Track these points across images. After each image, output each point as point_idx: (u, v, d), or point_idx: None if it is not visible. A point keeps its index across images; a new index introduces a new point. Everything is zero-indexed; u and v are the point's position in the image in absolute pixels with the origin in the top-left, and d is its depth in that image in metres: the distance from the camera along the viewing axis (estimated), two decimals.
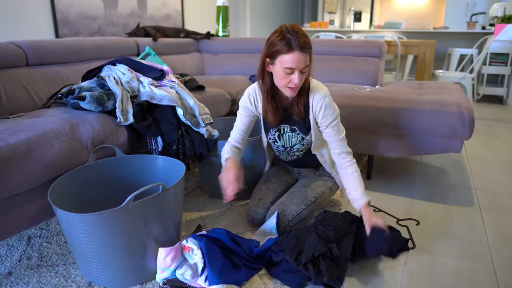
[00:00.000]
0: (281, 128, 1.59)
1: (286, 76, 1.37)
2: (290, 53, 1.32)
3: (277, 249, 1.33)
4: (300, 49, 1.31)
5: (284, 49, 1.32)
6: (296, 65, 1.33)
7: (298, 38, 1.31)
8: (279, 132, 1.60)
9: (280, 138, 1.61)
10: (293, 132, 1.58)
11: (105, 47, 2.29)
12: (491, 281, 1.29)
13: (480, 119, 3.67)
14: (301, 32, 1.34)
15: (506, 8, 4.71)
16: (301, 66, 1.34)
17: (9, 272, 1.33)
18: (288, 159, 1.70)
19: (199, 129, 1.72)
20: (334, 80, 2.65)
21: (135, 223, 1.17)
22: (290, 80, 1.37)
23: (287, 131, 1.59)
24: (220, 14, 3.31)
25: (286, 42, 1.32)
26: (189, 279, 1.23)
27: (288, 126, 1.58)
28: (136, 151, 1.60)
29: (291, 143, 1.60)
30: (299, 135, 1.58)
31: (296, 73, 1.35)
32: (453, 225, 1.66)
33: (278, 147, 1.64)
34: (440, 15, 7.36)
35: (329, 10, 7.95)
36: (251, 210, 1.60)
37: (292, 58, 1.32)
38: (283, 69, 1.35)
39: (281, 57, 1.34)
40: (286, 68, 1.34)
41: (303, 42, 1.32)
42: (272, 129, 1.60)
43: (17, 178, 1.17)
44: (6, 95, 1.66)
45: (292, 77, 1.36)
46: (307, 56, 1.34)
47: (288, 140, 1.60)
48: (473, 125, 1.78)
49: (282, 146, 1.63)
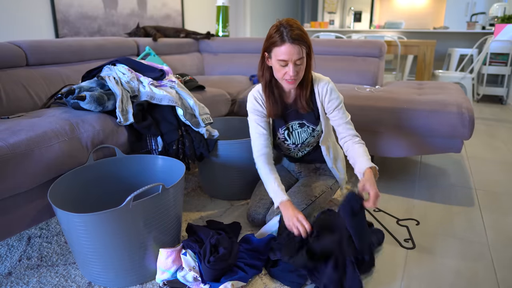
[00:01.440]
0: (290, 125, 1.59)
1: (281, 69, 1.39)
2: (282, 45, 1.34)
3: (275, 247, 1.33)
4: (292, 41, 1.33)
5: (277, 42, 1.35)
6: (288, 57, 1.35)
7: (292, 31, 1.33)
8: (288, 130, 1.60)
9: (290, 136, 1.61)
10: (302, 127, 1.59)
11: (105, 47, 2.29)
12: (491, 281, 1.29)
13: (480, 119, 3.67)
14: (296, 25, 1.36)
15: (506, 8, 4.71)
16: (294, 58, 1.35)
17: (9, 272, 1.33)
18: (299, 155, 1.70)
19: (199, 129, 1.72)
20: (334, 80, 2.65)
21: (135, 223, 1.17)
22: (285, 72, 1.39)
23: (296, 128, 1.59)
24: (220, 14, 3.31)
25: (279, 34, 1.35)
26: (191, 280, 1.23)
27: (297, 122, 1.59)
28: (136, 151, 1.60)
29: (301, 138, 1.61)
30: (309, 128, 1.58)
31: (290, 65, 1.37)
32: (453, 225, 1.66)
33: (288, 145, 1.64)
34: (440, 15, 7.36)
35: (329, 10, 7.95)
36: (251, 210, 1.60)
37: (284, 50, 1.34)
38: (277, 61, 1.38)
39: (275, 50, 1.37)
40: (280, 60, 1.37)
41: (296, 34, 1.33)
42: (281, 128, 1.60)
43: (17, 178, 1.17)
44: (6, 95, 1.66)
45: (287, 69, 1.38)
46: (300, 48, 1.35)
47: (298, 137, 1.61)
48: (473, 125, 1.78)
49: (293, 143, 1.63)
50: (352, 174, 2.18)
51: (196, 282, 1.22)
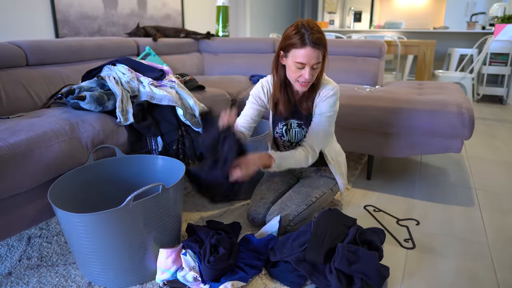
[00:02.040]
0: (289, 123, 1.60)
1: (297, 71, 1.38)
2: (302, 48, 1.33)
3: (275, 248, 1.33)
4: (313, 45, 1.32)
5: (297, 44, 1.33)
6: (307, 61, 1.34)
7: (313, 34, 1.32)
8: (287, 127, 1.61)
9: (287, 132, 1.61)
10: (299, 128, 1.59)
11: (105, 47, 2.29)
12: (491, 281, 1.29)
13: (480, 119, 3.67)
14: (317, 28, 1.34)
15: (506, 8, 4.71)
16: (313, 62, 1.35)
17: (9, 272, 1.33)
18: None
19: (199, 129, 1.72)
20: (334, 80, 2.65)
21: (135, 223, 1.17)
22: (301, 75, 1.38)
23: (295, 127, 1.60)
24: (220, 14, 3.31)
25: (300, 36, 1.33)
26: (191, 281, 1.23)
27: (296, 122, 1.59)
28: (136, 151, 1.60)
29: (297, 138, 1.61)
30: (305, 130, 1.59)
31: (307, 68, 1.36)
32: (453, 225, 1.66)
33: (284, 142, 1.65)
34: (440, 15, 7.36)
35: (329, 10, 7.95)
36: (251, 209, 1.60)
37: (304, 53, 1.33)
38: (294, 63, 1.37)
39: (294, 51, 1.35)
40: (297, 62, 1.36)
41: (317, 38, 1.32)
42: (280, 123, 1.61)
43: (17, 178, 1.17)
44: (6, 95, 1.66)
45: (303, 72, 1.37)
46: (319, 53, 1.35)
47: (294, 135, 1.61)
48: (473, 125, 1.78)
49: (288, 141, 1.63)
50: (352, 174, 2.18)
51: (196, 282, 1.22)
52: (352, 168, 2.26)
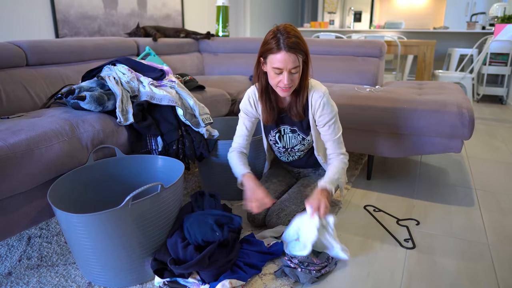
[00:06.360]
0: (282, 129, 1.59)
1: (276, 76, 1.36)
2: (278, 52, 1.31)
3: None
4: (288, 49, 1.29)
5: (274, 49, 1.32)
6: (283, 65, 1.32)
7: (288, 38, 1.29)
8: (280, 134, 1.60)
9: (280, 139, 1.61)
10: (293, 133, 1.58)
11: (105, 47, 2.29)
12: (491, 281, 1.29)
13: (480, 119, 3.67)
14: (293, 32, 1.32)
15: (506, 8, 4.71)
16: (289, 67, 1.32)
17: (9, 272, 1.33)
18: (289, 159, 1.70)
19: (199, 129, 1.72)
20: (334, 80, 2.65)
21: (135, 223, 1.17)
22: (279, 80, 1.36)
23: (288, 132, 1.59)
24: (220, 14, 3.31)
25: (275, 41, 1.31)
26: (190, 281, 1.23)
27: (289, 127, 1.58)
28: (136, 151, 1.60)
29: (291, 144, 1.60)
30: (300, 136, 1.58)
31: (285, 73, 1.33)
32: (453, 225, 1.66)
33: (279, 148, 1.64)
34: (440, 15, 7.36)
35: (329, 10, 7.95)
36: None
37: (280, 57, 1.31)
38: (272, 68, 1.35)
39: (271, 56, 1.34)
40: (274, 68, 1.34)
41: (292, 42, 1.30)
42: (272, 131, 1.60)
43: (17, 178, 1.17)
44: (6, 95, 1.66)
45: (281, 78, 1.35)
46: (296, 57, 1.32)
47: (289, 141, 1.60)
48: (473, 125, 1.78)
49: (283, 147, 1.63)
50: (352, 174, 2.18)
51: (196, 282, 1.22)
52: (352, 168, 2.26)
